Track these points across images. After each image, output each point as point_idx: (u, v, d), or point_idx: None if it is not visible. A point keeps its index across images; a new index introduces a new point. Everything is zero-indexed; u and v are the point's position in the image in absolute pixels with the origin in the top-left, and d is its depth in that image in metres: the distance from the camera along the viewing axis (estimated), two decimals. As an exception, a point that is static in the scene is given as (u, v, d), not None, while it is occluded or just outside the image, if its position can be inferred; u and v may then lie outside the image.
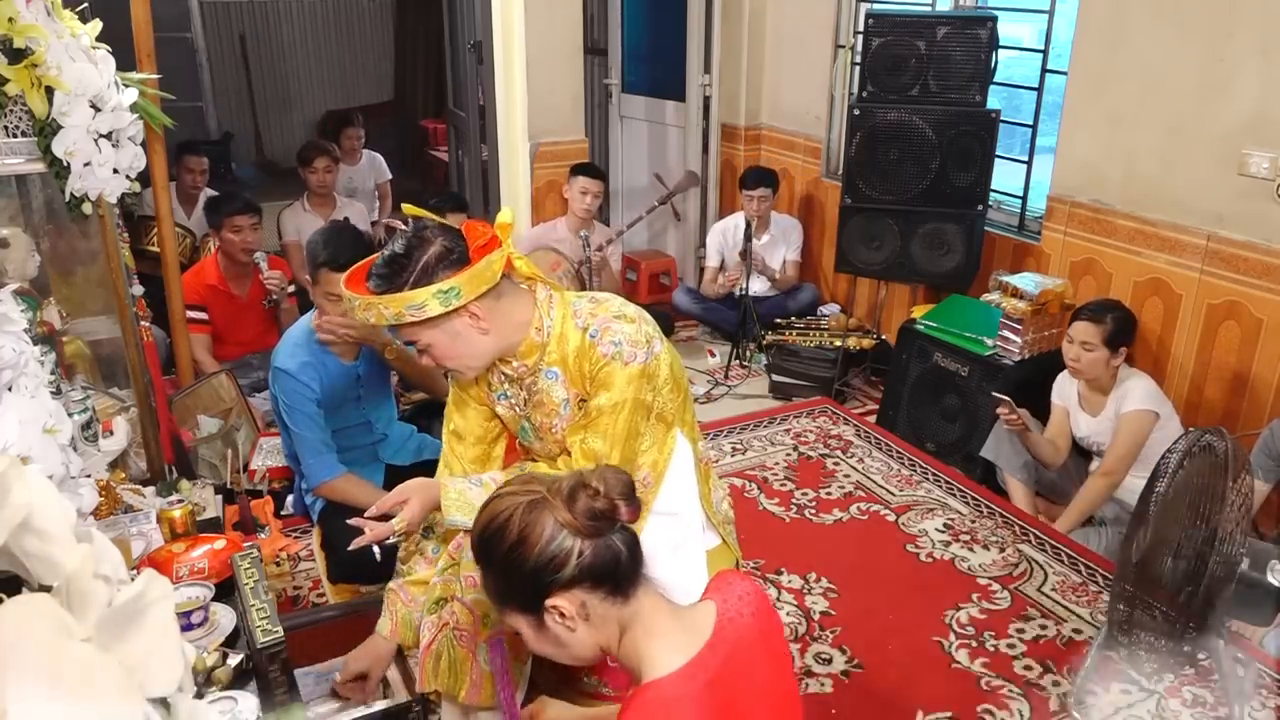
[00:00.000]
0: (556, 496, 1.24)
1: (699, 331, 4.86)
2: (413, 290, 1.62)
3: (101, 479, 2.07)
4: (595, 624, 1.25)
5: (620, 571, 1.24)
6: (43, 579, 0.75)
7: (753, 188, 4.48)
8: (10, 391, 1.45)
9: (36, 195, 2.33)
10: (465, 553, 1.82)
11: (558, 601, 1.22)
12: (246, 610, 1.62)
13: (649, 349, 1.76)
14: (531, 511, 1.24)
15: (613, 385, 1.74)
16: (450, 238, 1.68)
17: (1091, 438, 3.08)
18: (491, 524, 1.27)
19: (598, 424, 1.75)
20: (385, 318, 1.65)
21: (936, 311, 3.76)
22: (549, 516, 1.23)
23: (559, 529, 1.22)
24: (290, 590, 2.64)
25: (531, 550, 1.22)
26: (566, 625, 1.24)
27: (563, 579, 1.21)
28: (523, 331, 1.78)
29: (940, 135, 3.72)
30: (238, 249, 3.72)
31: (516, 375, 1.83)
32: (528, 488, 1.28)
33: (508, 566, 1.25)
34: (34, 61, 1.87)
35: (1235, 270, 3.12)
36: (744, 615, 1.30)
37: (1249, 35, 2.98)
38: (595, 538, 1.22)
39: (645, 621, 1.26)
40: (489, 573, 1.30)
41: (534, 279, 1.81)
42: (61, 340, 2.40)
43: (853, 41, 4.57)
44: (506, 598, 1.29)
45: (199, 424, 3.23)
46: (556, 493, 1.25)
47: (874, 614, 2.66)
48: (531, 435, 1.90)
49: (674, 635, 1.25)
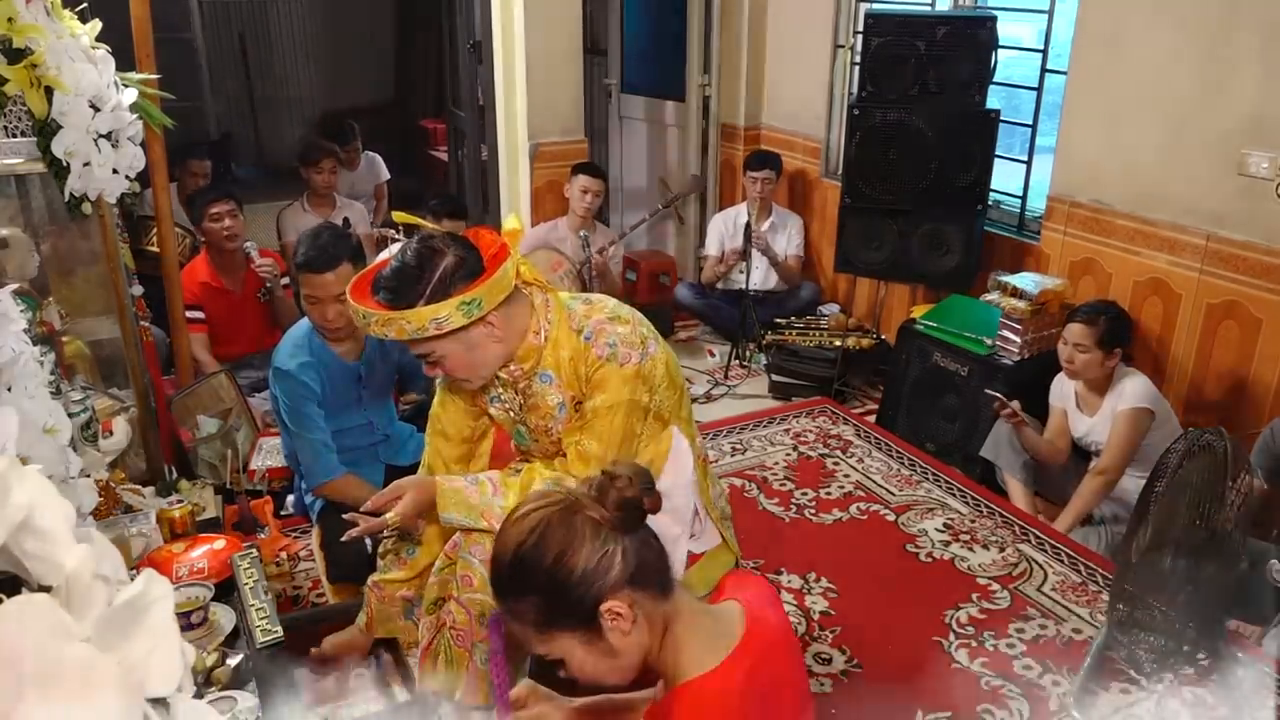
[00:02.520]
0: (585, 497, 1.21)
1: (699, 331, 4.86)
2: (432, 304, 1.61)
3: (101, 479, 2.07)
4: (645, 623, 1.22)
5: (660, 564, 1.23)
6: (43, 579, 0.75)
7: (757, 169, 4.49)
8: (10, 391, 1.45)
9: (36, 195, 2.34)
10: (462, 552, 1.82)
11: (613, 604, 1.18)
12: (246, 610, 1.62)
13: (644, 350, 1.76)
14: (567, 518, 1.19)
15: (608, 387, 1.74)
16: (462, 247, 1.67)
17: (1089, 437, 3.08)
18: (525, 543, 1.20)
19: (594, 426, 1.75)
20: (406, 332, 1.62)
21: (936, 311, 3.76)
22: (585, 519, 1.19)
23: (598, 529, 1.18)
24: (290, 590, 2.63)
25: (577, 558, 1.17)
26: (622, 629, 1.20)
27: (613, 580, 1.18)
28: (524, 336, 1.78)
29: (940, 135, 3.72)
30: (220, 237, 3.69)
31: (512, 379, 1.83)
32: (549, 499, 1.23)
33: (553, 582, 1.18)
34: (34, 61, 1.87)
35: (1235, 270, 3.12)
36: (768, 613, 1.30)
37: (1249, 35, 2.98)
38: (631, 532, 1.20)
39: (685, 619, 1.24)
40: (528, 597, 1.21)
41: (534, 283, 1.81)
42: (61, 340, 2.41)
43: (852, 41, 4.57)
44: (554, 618, 1.21)
45: (199, 424, 3.23)
46: (583, 494, 1.21)
47: (874, 614, 2.66)
48: (528, 438, 1.90)
49: (711, 634, 1.24)
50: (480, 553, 1.79)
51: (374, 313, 1.64)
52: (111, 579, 0.76)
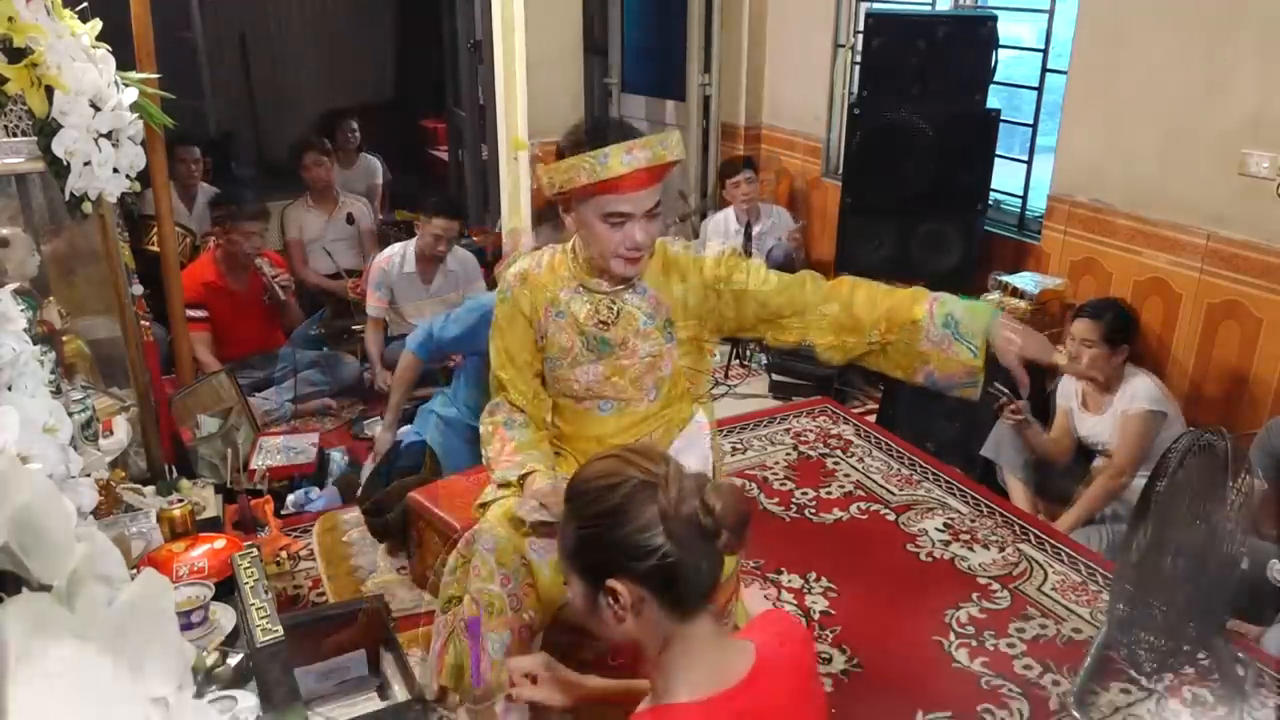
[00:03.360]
0: (672, 488, 1.19)
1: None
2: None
3: (101, 479, 2.07)
4: (643, 624, 1.21)
5: (691, 590, 1.20)
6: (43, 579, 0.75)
7: (733, 175, 4.45)
8: (10, 391, 1.45)
9: (36, 195, 2.34)
10: (475, 545, 1.84)
11: (618, 585, 1.18)
12: (246, 610, 1.62)
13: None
14: (641, 491, 1.18)
15: (750, 265, 1.92)
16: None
17: (1093, 437, 3.08)
18: (598, 480, 1.22)
19: (790, 281, 1.90)
20: (669, 151, 1.75)
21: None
22: (653, 505, 1.17)
23: (656, 522, 1.17)
24: (290, 590, 2.64)
25: (622, 528, 1.17)
26: (615, 611, 1.20)
27: (635, 569, 1.17)
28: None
29: (940, 135, 3.72)
30: (242, 252, 3.74)
31: (604, 291, 1.89)
32: (648, 464, 1.22)
33: (592, 528, 1.20)
34: (34, 61, 1.88)
35: (1235, 270, 3.12)
36: (782, 663, 1.27)
37: (1249, 35, 2.98)
38: (685, 548, 1.17)
39: (690, 645, 1.22)
40: (571, 522, 1.25)
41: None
42: (61, 340, 2.40)
43: (853, 41, 4.57)
44: (575, 555, 1.24)
45: (199, 423, 3.23)
46: (675, 483, 1.19)
47: (874, 614, 2.66)
48: (601, 351, 1.91)
49: (711, 667, 1.22)
50: (488, 542, 1.81)
51: (646, 138, 1.73)
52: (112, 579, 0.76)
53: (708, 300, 1.91)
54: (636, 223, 1.78)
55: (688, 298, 1.90)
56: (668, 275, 1.90)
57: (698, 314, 1.92)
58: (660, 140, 1.74)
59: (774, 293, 1.88)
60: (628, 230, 1.77)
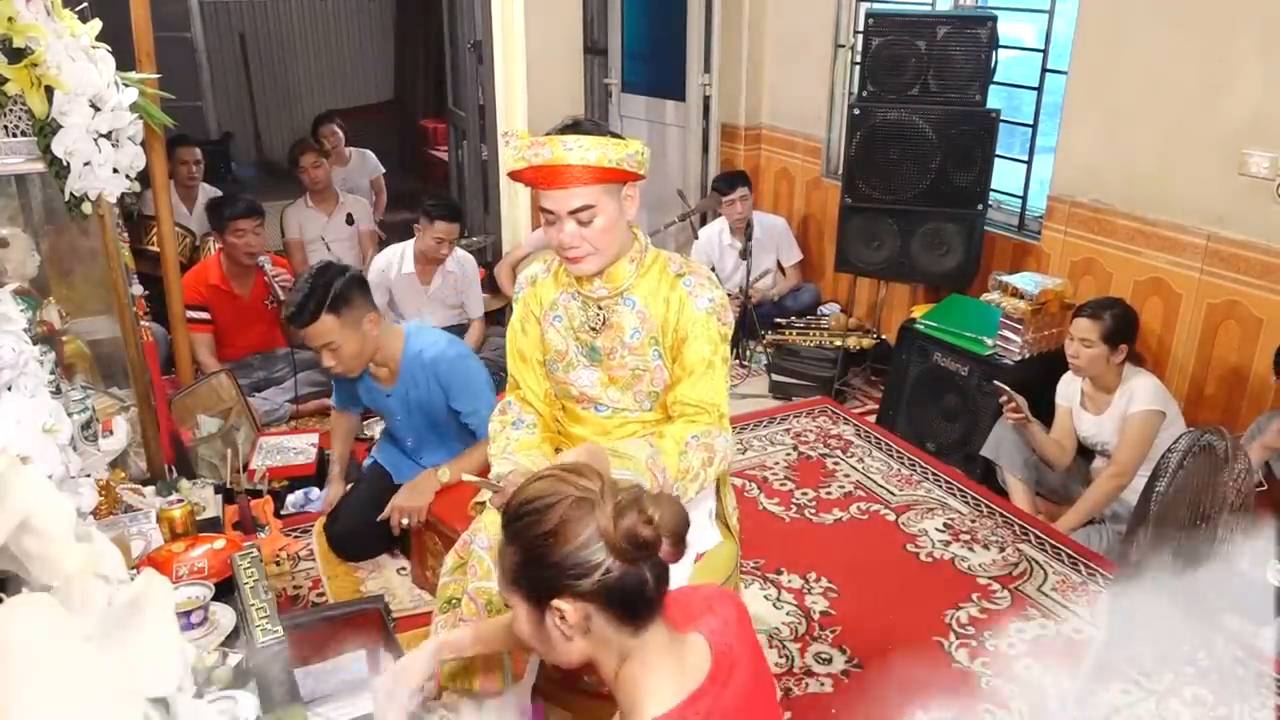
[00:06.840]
0: (608, 502, 1.18)
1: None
2: (621, 138, 1.74)
3: (101, 479, 2.07)
4: (593, 641, 1.21)
5: (639, 601, 1.19)
6: (43, 579, 0.75)
7: (730, 191, 4.44)
8: (10, 391, 1.45)
9: (36, 195, 2.34)
10: (470, 548, 1.83)
11: (563, 605, 1.17)
12: (246, 610, 1.62)
13: (728, 319, 1.89)
14: (577, 508, 1.18)
15: (714, 340, 1.85)
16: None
17: (1094, 437, 3.08)
18: (533, 502, 1.21)
19: (708, 377, 1.85)
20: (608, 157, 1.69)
21: (936, 311, 3.76)
22: (592, 521, 1.17)
23: (596, 538, 1.16)
24: (290, 590, 2.64)
25: (560, 548, 1.16)
26: (563, 631, 1.20)
27: (579, 588, 1.16)
28: (627, 250, 1.86)
29: (940, 135, 3.72)
30: (240, 252, 3.74)
31: (594, 298, 1.88)
32: (584, 481, 1.22)
33: (531, 551, 1.19)
34: (34, 61, 1.88)
35: (1235, 270, 3.12)
36: (734, 646, 1.27)
37: (1249, 35, 2.98)
38: (627, 561, 1.17)
39: (647, 655, 1.21)
40: (511, 547, 1.24)
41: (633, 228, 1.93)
42: (61, 340, 2.40)
43: (853, 41, 4.57)
44: (517, 579, 1.23)
45: (199, 424, 3.23)
46: (610, 498, 1.19)
47: (874, 614, 2.66)
48: (592, 357, 1.92)
49: (672, 670, 1.21)
50: (484, 540, 1.81)
51: (579, 137, 1.69)
52: (112, 579, 0.76)
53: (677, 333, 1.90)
54: (563, 222, 1.74)
55: (672, 322, 1.88)
56: (660, 295, 1.87)
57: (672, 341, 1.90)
58: (616, 145, 1.70)
59: (685, 369, 1.86)
60: (556, 229, 1.76)
